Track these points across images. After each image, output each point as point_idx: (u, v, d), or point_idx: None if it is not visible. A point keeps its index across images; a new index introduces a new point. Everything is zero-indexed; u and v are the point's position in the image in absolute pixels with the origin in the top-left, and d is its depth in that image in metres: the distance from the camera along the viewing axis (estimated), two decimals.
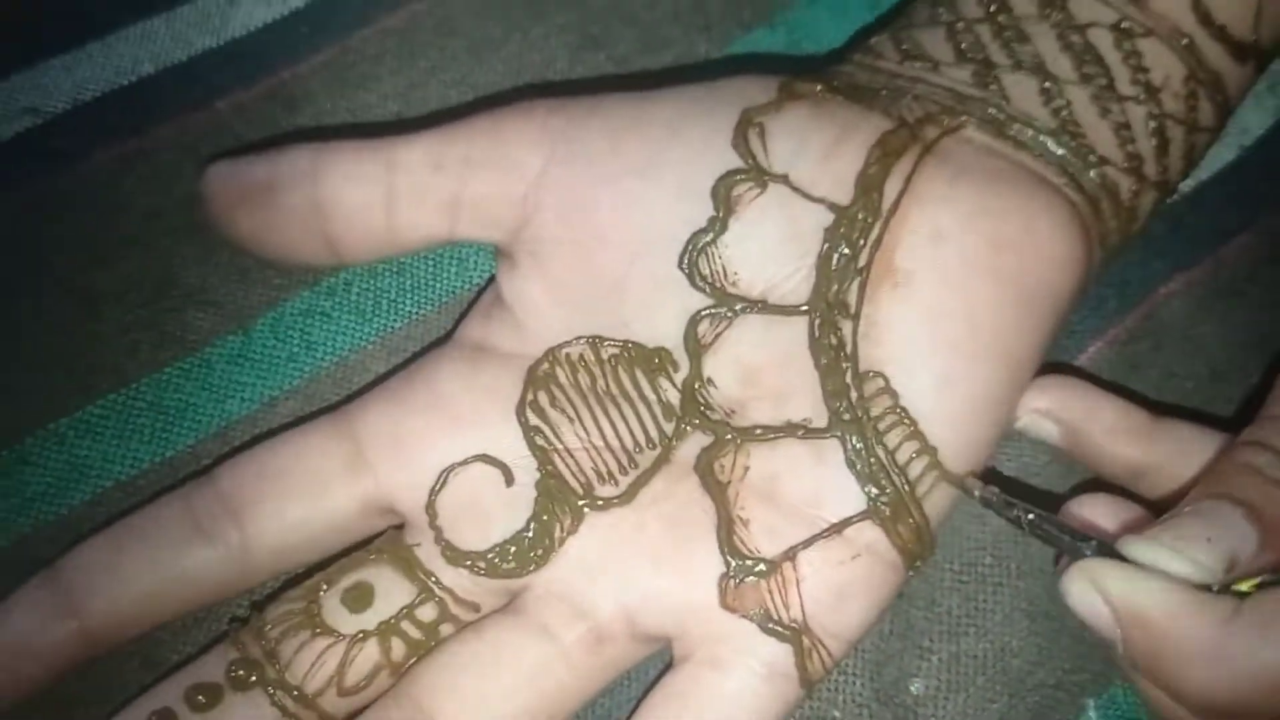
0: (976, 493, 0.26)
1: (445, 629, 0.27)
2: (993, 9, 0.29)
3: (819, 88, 0.28)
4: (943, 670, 0.28)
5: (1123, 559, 0.25)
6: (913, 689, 0.28)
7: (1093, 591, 0.24)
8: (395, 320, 0.31)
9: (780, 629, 0.25)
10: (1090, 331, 0.31)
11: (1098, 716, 0.28)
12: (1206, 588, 0.24)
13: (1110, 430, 0.28)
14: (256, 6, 0.34)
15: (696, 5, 0.35)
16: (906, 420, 0.26)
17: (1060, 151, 0.28)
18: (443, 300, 0.31)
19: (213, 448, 0.29)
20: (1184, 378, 0.31)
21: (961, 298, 0.26)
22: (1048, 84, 0.28)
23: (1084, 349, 0.31)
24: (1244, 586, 0.24)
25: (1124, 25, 0.29)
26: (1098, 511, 0.27)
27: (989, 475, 0.28)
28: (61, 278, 0.30)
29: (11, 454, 0.28)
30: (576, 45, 0.34)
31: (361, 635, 0.26)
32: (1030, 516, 0.26)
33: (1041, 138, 0.28)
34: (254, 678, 0.26)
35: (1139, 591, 0.23)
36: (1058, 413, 0.28)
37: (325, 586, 0.27)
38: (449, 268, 0.31)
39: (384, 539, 0.27)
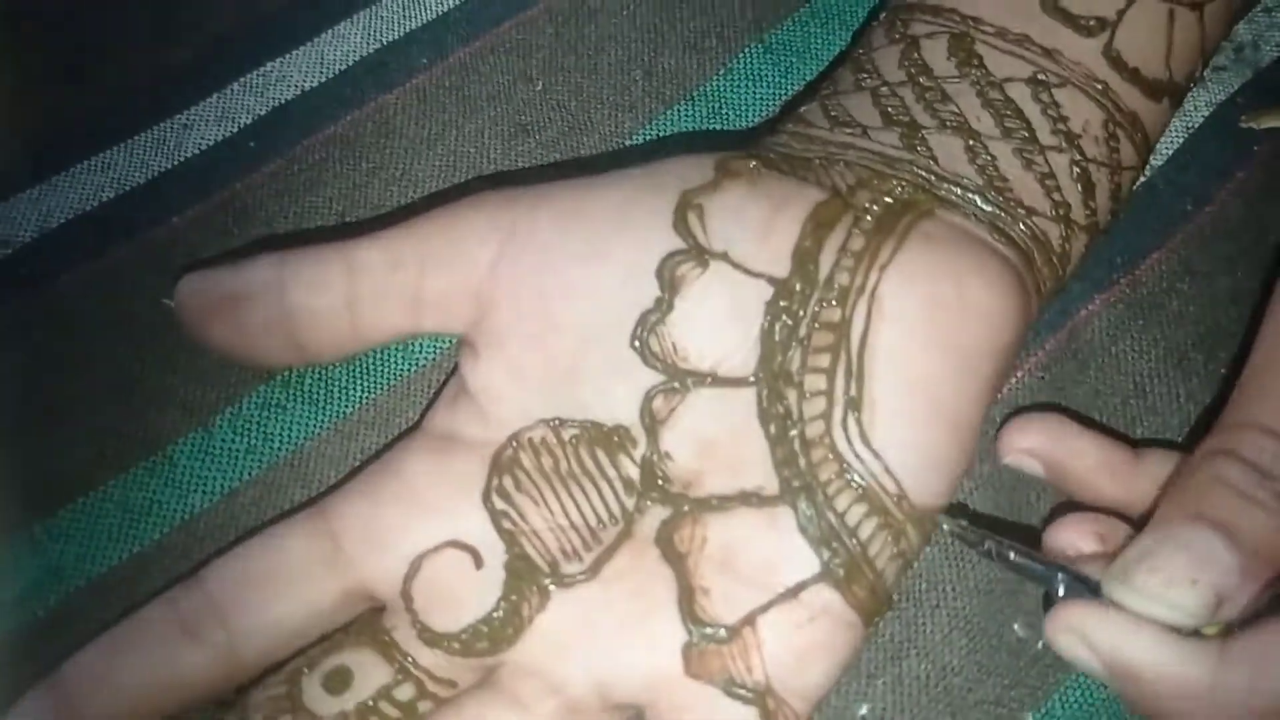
0: (945, 527, 0.27)
1: (423, 706, 0.27)
2: (913, 71, 0.30)
3: (753, 164, 0.29)
4: (887, 693, 0.28)
5: (1096, 589, 0.25)
6: (861, 712, 0.28)
7: (1080, 644, 0.25)
8: (347, 406, 0.32)
9: (745, 692, 0.26)
10: (1016, 358, 0.32)
11: None
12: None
13: (1093, 469, 0.28)
14: (208, 127, 0.36)
15: (618, 87, 0.37)
16: (854, 484, 0.27)
17: (988, 208, 0.29)
18: (390, 383, 0.32)
19: (179, 540, 0.30)
20: (1110, 395, 0.32)
21: (900, 362, 0.27)
22: (972, 141, 0.29)
23: (1010, 377, 0.32)
24: (1210, 631, 0.24)
25: (1040, 77, 0.29)
26: (1077, 532, 0.28)
27: (958, 510, 0.29)
28: (30, 391, 0.32)
29: None
30: (508, 135, 0.36)
31: (341, 716, 0.27)
32: (1001, 550, 0.26)
33: (970, 195, 0.29)
34: None
35: (1125, 646, 0.24)
36: (1040, 452, 0.29)
37: (306, 670, 0.27)
38: (395, 353, 0.33)
39: (361, 622, 0.28)
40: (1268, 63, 0.36)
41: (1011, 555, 0.26)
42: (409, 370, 0.33)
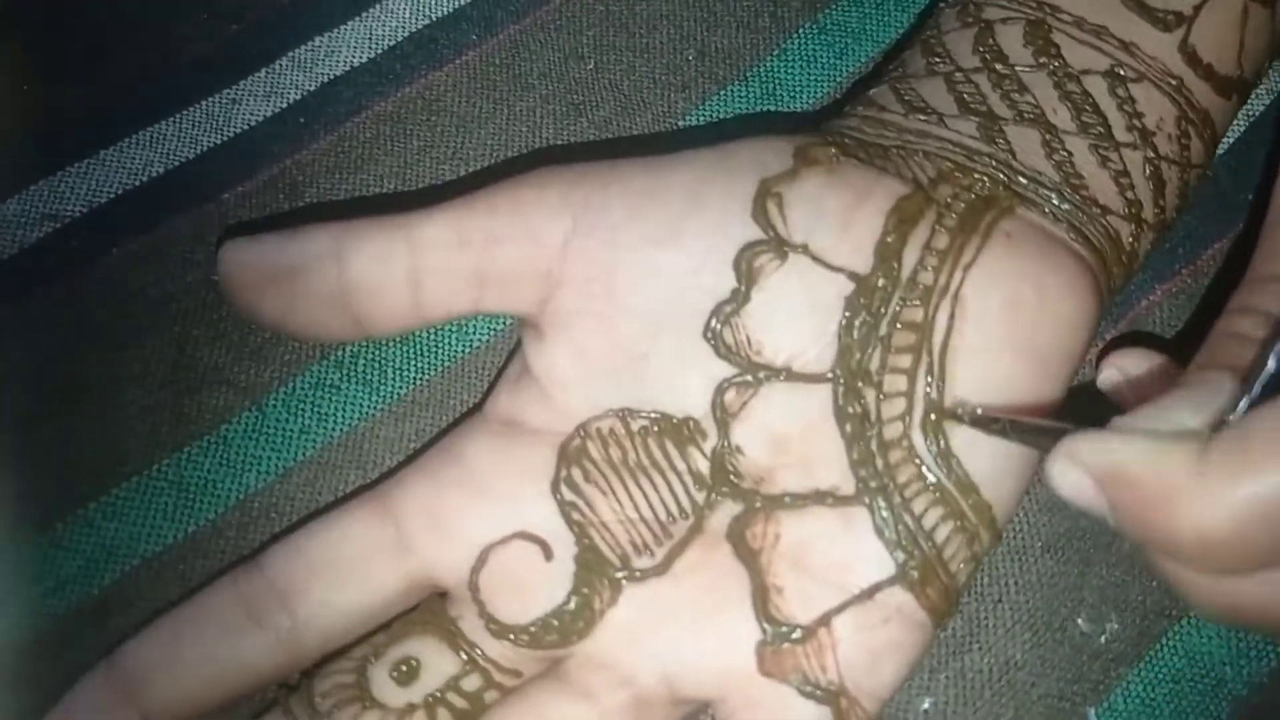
0: (966, 417, 0.26)
1: (489, 696, 0.27)
2: (989, 57, 0.30)
3: (833, 151, 0.28)
4: (950, 687, 0.28)
5: None
6: (923, 706, 0.28)
7: (1071, 467, 0.23)
8: (401, 387, 0.32)
9: (818, 692, 0.26)
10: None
11: None
12: None
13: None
14: (257, 103, 0.36)
15: (671, 66, 0.36)
16: (932, 487, 0.26)
17: (1066, 206, 0.28)
18: (446, 365, 0.32)
19: (233, 519, 0.30)
20: None
21: (981, 364, 0.27)
22: (1049, 136, 0.29)
23: None
24: None
25: (1117, 71, 0.29)
26: (1128, 363, 0.27)
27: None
28: (83, 368, 0.32)
29: (45, 539, 0.30)
30: (560, 114, 0.35)
31: (410, 707, 0.27)
32: (1015, 425, 0.25)
33: (1047, 192, 0.28)
34: None
35: (1112, 450, 0.22)
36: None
37: (373, 658, 0.27)
38: (450, 334, 0.33)
39: (425, 609, 0.28)
40: None
41: (1024, 429, 0.25)
42: (464, 351, 0.32)
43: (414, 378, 0.32)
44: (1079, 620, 0.29)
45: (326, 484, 0.31)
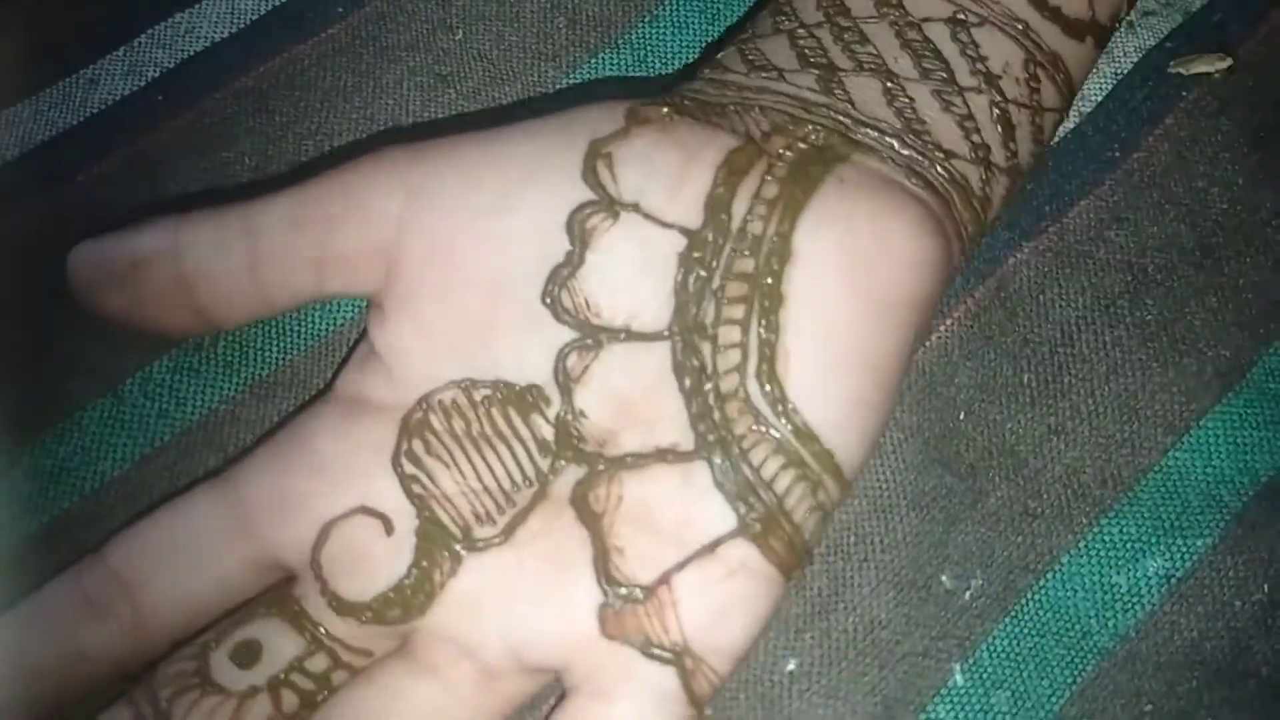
0: None
1: (338, 677, 0.27)
2: (831, 12, 0.30)
3: (665, 110, 0.28)
4: (815, 647, 0.28)
5: None
6: (788, 668, 0.28)
7: None
8: (262, 368, 0.31)
9: (662, 652, 0.26)
10: (943, 306, 0.32)
11: (964, 679, 0.28)
12: None
13: None
14: (116, 82, 0.35)
15: (541, 34, 0.36)
16: (770, 436, 0.26)
17: (905, 152, 0.28)
18: (309, 344, 0.32)
19: (88, 508, 0.30)
20: (1038, 343, 0.32)
21: (816, 310, 0.26)
22: (890, 84, 0.29)
23: (938, 325, 0.32)
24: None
25: (958, 17, 0.29)
26: None
27: None
28: None
29: None
30: (427, 85, 0.35)
31: (252, 690, 0.26)
32: None
33: (888, 139, 0.28)
34: None
35: None
36: None
37: (215, 644, 0.27)
38: (312, 313, 0.32)
39: (271, 593, 0.27)
40: (1197, 8, 0.36)
41: None
42: (327, 330, 0.32)
43: (275, 358, 0.31)
44: (943, 578, 0.29)
45: (185, 469, 0.30)
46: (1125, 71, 0.35)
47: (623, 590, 0.26)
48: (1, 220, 0.33)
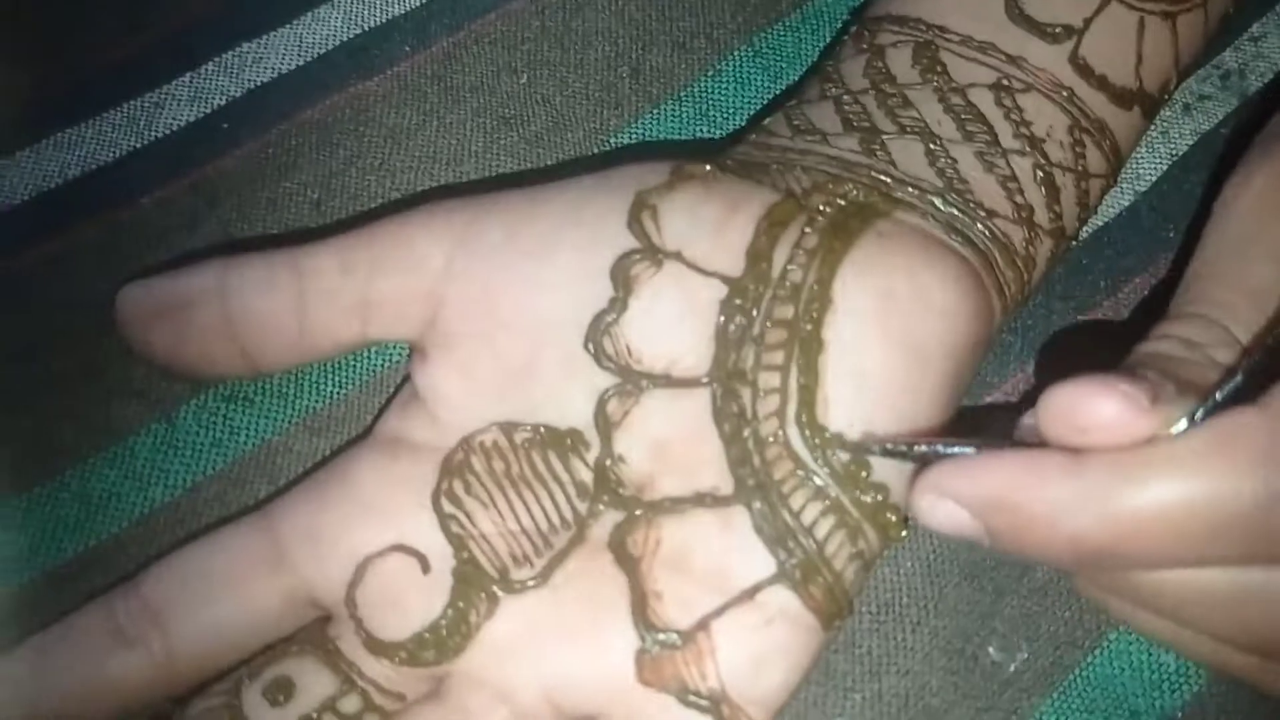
0: (876, 449, 0.26)
1: (370, 718, 0.26)
2: (876, 79, 0.30)
3: (709, 168, 0.29)
4: (866, 709, 0.28)
5: None
6: None
7: (941, 498, 0.23)
8: (317, 401, 0.31)
9: (700, 700, 0.25)
10: (996, 376, 0.32)
11: None
12: None
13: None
14: (181, 108, 0.35)
15: (605, 84, 0.36)
16: (809, 482, 0.26)
17: (946, 209, 0.28)
18: (364, 379, 0.32)
19: (137, 534, 0.29)
20: None
21: (855, 357, 0.27)
22: (933, 145, 0.29)
23: (989, 394, 0.32)
24: None
25: (1003, 83, 0.29)
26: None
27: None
28: None
29: None
30: (490, 127, 0.35)
31: None
32: (920, 449, 0.25)
33: (929, 197, 0.28)
34: None
35: (982, 473, 0.22)
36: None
37: (247, 680, 0.26)
38: (368, 349, 0.32)
39: (306, 630, 0.27)
40: (1254, 91, 0.36)
41: (921, 447, 0.25)
42: (382, 366, 0.32)
43: (330, 392, 0.31)
44: (990, 649, 0.29)
45: (235, 499, 0.30)
46: (1181, 153, 0.35)
47: (660, 635, 0.26)
48: (61, 238, 0.33)
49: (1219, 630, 0.24)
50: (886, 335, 0.27)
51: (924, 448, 0.25)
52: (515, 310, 0.28)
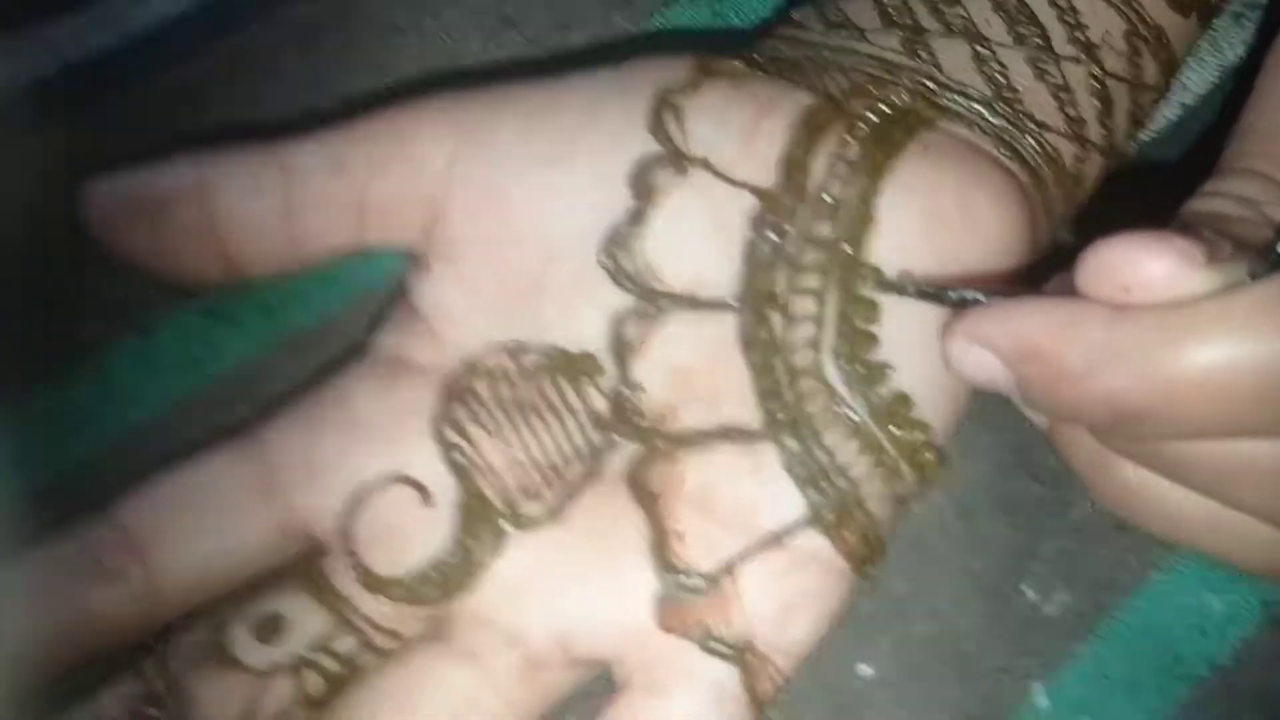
0: (912, 289, 0.25)
1: (366, 659, 0.25)
2: None
3: (738, 64, 0.27)
4: (892, 654, 0.27)
5: None
6: (863, 672, 0.27)
7: (972, 344, 0.22)
8: (305, 318, 0.30)
9: (723, 648, 0.24)
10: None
11: (1047, 701, 0.27)
12: None
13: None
14: (159, 3, 0.33)
15: None
16: (846, 418, 0.25)
17: (995, 120, 0.27)
18: (355, 296, 0.30)
19: (113, 455, 0.28)
20: None
21: None
22: (980, 48, 0.27)
23: None
24: None
25: None
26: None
27: None
28: None
29: None
30: (490, 26, 0.33)
31: (274, 668, 0.25)
32: (958, 294, 0.24)
33: (976, 106, 0.27)
34: (158, 714, 0.24)
35: (1017, 318, 0.21)
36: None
37: (235, 615, 0.25)
38: (361, 262, 0.30)
39: (297, 564, 0.26)
40: None
41: (960, 292, 0.23)
42: (376, 282, 0.30)
43: (319, 310, 0.30)
44: (1025, 589, 0.28)
45: (215, 421, 0.28)
46: (1230, 64, 0.34)
47: (682, 578, 0.25)
48: (29, 140, 0.31)
49: (1262, 508, 0.22)
50: (932, 258, 0.25)
51: (962, 293, 0.23)
52: (525, 221, 0.26)
